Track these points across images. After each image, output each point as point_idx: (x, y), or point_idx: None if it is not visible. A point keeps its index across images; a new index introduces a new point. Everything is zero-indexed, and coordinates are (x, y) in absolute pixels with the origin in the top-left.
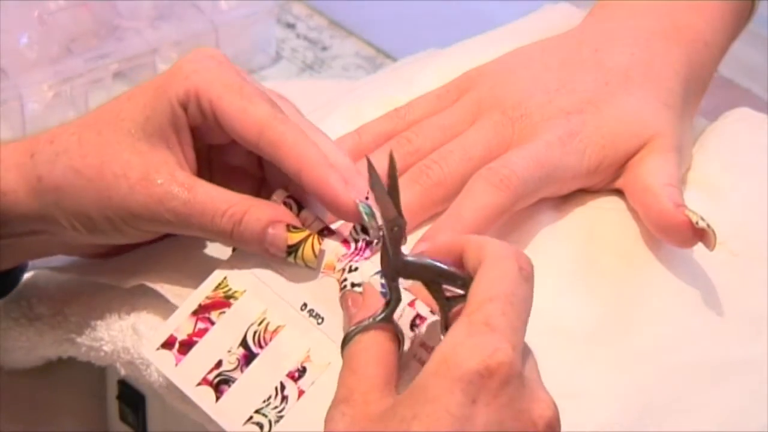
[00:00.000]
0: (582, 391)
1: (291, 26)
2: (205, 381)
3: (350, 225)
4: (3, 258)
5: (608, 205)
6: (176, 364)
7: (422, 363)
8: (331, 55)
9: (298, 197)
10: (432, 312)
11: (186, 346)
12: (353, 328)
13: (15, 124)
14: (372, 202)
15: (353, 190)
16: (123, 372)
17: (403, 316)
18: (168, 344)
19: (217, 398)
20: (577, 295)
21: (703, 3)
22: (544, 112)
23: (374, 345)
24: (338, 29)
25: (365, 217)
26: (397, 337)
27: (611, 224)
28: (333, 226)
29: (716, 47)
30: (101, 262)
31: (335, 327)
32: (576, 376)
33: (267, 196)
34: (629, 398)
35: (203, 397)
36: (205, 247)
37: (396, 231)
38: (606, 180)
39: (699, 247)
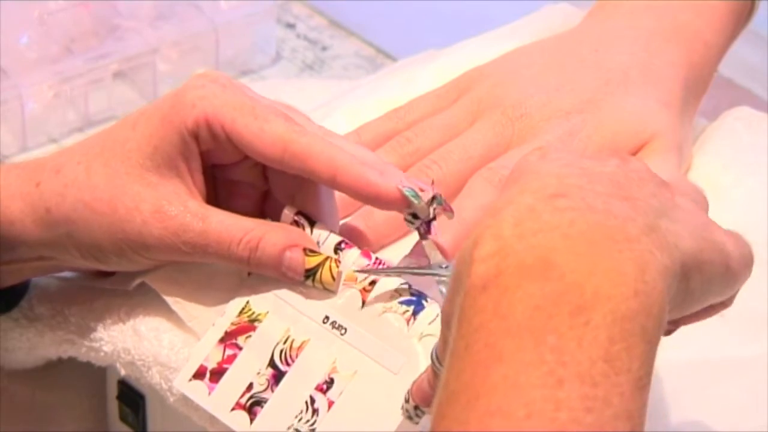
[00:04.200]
0: None
1: (291, 26)
2: (238, 405)
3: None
4: (8, 279)
5: None
6: (209, 394)
7: None
8: (331, 55)
9: (307, 211)
10: None
11: (217, 375)
12: None
13: (15, 124)
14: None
15: (391, 178)
16: (123, 372)
17: (434, 322)
18: (199, 374)
19: (251, 420)
20: None
21: (703, 3)
22: (544, 112)
23: None
24: (338, 29)
25: (413, 200)
26: None
27: None
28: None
29: (716, 47)
30: None
31: (358, 336)
32: None
33: (272, 208)
34: None
35: (239, 422)
36: None
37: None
38: None
39: None
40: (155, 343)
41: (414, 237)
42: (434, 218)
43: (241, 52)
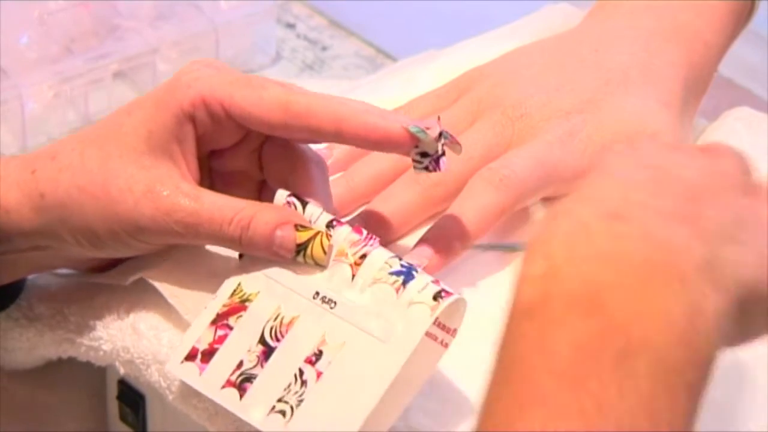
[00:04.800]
0: None
1: (291, 26)
2: (228, 383)
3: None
4: (5, 273)
5: None
6: (200, 374)
7: (445, 346)
8: (331, 55)
9: (300, 194)
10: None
11: (208, 355)
12: None
13: (15, 124)
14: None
15: (394, 119)
16: (122, 371)
17: (424, 290)
18: (191, 356)
19: (241, 396)
20: None
21: (703, 3)
22: (544, 112)
23: None
24: (338, 29)
25: (420, 135)
26: None
27: None
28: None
29: (716, 47)
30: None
31: (348, 308)
32: None
33: (269, 199)
34: None
35: (228, 399)
36: None
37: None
38: None
39: None
40: (154, 342)
41: (415, 237)
42: (443, 154)
43: (241, 52)
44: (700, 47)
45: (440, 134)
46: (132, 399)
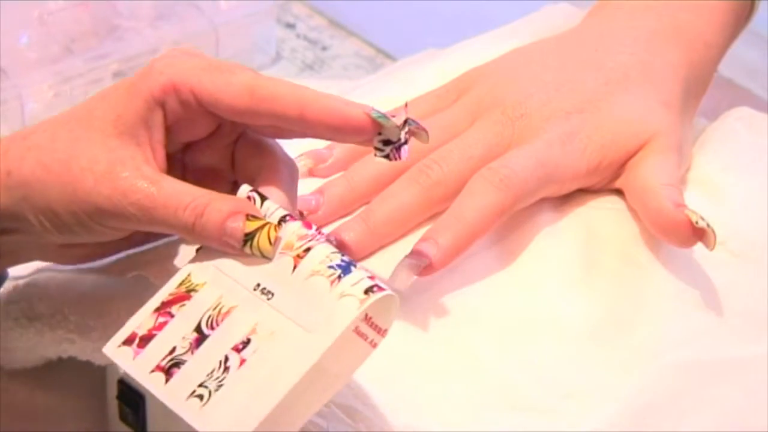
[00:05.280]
0: (582, 390)
1: (291, 26)
2: (158, 367)
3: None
4: None
5: (608, 205)
6: (134, 358)
7: (373, 345)
8: (331, 55)
9: (265, 192)
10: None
11: (145, 340)
12: None
13: (15, 124)
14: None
15: (357, 106)
16: (122, 371)
17: (357, 284)
18: (129, 341)
19: (167, 380)
20: (577, 295)
21: (703, 3)
22: (544, 112)
23: None
24: (338, 29)
25: (382, 121)
26: None
27: (611, 224)
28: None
29: (716, 47)
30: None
31: (284, 299)
32: (576, 376)
33: None
34: (629, 398)
35: (155, 382)
36: None
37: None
38: (606, 180)
39: (699, 248)
40: None
41: (415, 237)
42: (405, 142)
43: (241, 52)
44: (700, 47)
45: (405, 121)
46: (132, 399)
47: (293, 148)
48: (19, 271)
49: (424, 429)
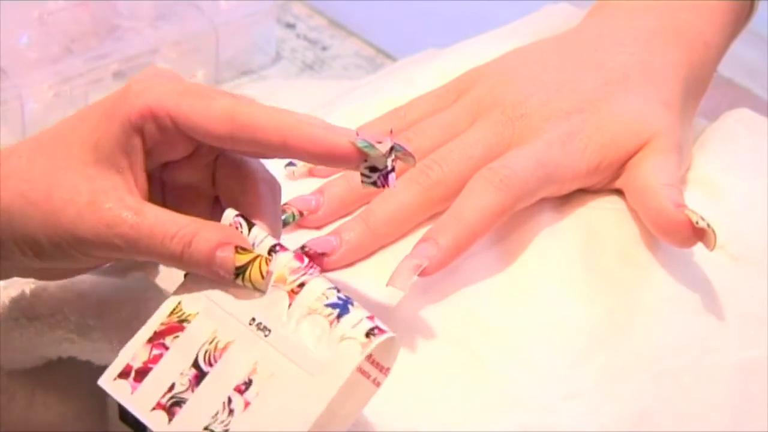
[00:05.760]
0: (581, 393)
1: (291, 26)
2: (158, 405)
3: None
4: None
5: (608, 205)
6: (132, 393)
7: (377, 384)
8: (331, 55)
9: (248, 215)
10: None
11: (141, 374)
12: None
13: (15, 124)
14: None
15: (342, 133)
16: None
17: (358, 326)
18: (124, 374)
19: (170, 420)
20: (576, 296)
21: (703, 3)
22: (544, 112)
23: None
24: (338, 29)
25: (367, 150)
26: None
27: (611, 224)
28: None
29: (716, 47)
30: None
31: (281, 338)
32: (575, 378)
33: (220, 217)
34: (628, 400)
35: (157, 421)
36: None
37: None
38: (606, 180)
39: (699, 249)
40: None
41: (415, 237)
42: (392, 170)
43: (241, 52)
44: (699, 47)
45: (391, 148)
46: None
47: None
48: None
49: (424, 429)
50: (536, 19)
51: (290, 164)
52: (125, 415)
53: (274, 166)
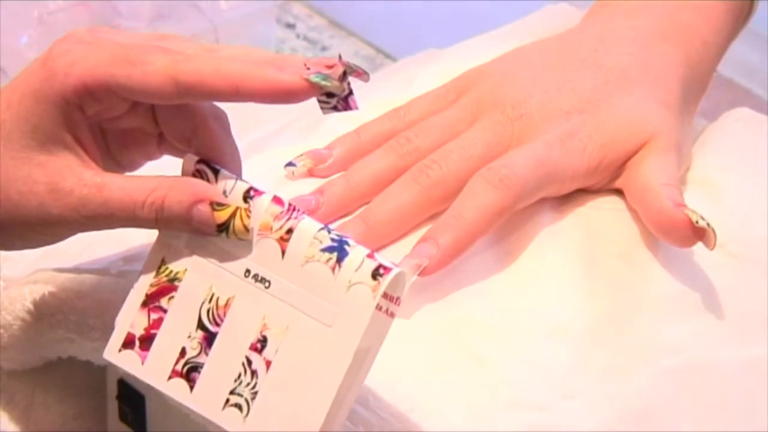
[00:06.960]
0: (580, 392)
1: (291, 26)
2: (175, 373)
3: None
4: None
5: (608, 205)
6: (143, 363)
7: (391, 315)
8: (331, 55)
9: (206, 153)
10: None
11: (147, 341)
12: None
13: None
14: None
15: (292, 70)
16: (122, 371)
17: (361, 268)
18: (128, 343)
19: (191, 387)
20: (576, 295)
21: (703, 3)
22: (544, 112)
23: None
24: (338, 29)
25: (323, 83)
26: None
27: (611, 224)
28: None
29: (715, 47)
30: (99, 258)
31: (284, 288)
32: (574, 378)
33: (168, 151)
34: (627, 400)
35: (178, 390)
36: None
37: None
38: (605, 180)
39: (699, 249)
40: None
41: (415, 237)
42: (351, 93)
43: None
44: (699, 47)
45: (344, 73)
46: (132, 399)
47: (292, 151)
48: (20, 271)
49: (424, 429)
50: (536, 19)
51: (290, 164)
52: (125, 415)
53: (275, 166)
